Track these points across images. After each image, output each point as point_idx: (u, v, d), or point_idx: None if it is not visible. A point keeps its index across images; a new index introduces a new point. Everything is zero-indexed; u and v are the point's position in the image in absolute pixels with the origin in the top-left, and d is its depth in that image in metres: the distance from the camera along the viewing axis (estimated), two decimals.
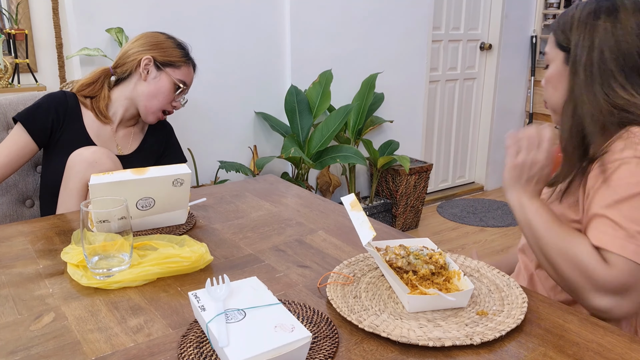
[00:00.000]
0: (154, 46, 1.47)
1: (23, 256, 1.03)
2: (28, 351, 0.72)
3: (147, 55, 1.45)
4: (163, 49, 1.48)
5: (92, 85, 1.48)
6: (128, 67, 1.47)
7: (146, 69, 1.46)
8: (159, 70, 1.47)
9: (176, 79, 1.48)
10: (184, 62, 1.50)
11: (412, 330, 0.75)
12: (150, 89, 1.46)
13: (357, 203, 0.91)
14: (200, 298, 0.76)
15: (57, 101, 1.44)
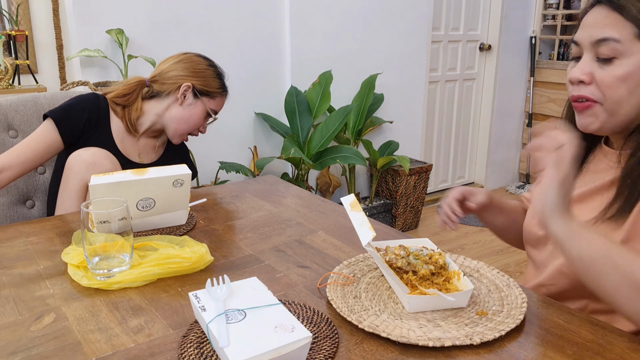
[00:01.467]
0: (196, 74, 1.51)
1: (23, 257, 1.03)
2: (29, 352, 0.73)
3: (187, 82, 1.48)
4: (204, 77, 1.52)
5: (127, 96, 1.49)
6: (166, 88, 1.49)
7: (184, 95, 1.49)
8: (195, 97, 1.51)
9: (210, 109, 1.54)
10: (220, 92, 1.56)
11: (412, 331, 0.75)
12: (184, 115, 1.50)
13: (356, 203, 0.91)
14: (201, 298, 0.76)
15: (92, 104, 1.44)
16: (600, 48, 0.83)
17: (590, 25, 0.85)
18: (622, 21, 0.81)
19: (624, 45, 0.81)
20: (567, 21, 3.94)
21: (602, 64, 0.84)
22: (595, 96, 0.85)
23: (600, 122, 0.86)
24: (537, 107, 4.06)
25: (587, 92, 0.85)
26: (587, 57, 0.86)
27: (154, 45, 2.55)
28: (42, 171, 1.57)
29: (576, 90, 0.87)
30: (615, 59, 0.82)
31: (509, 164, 4.25)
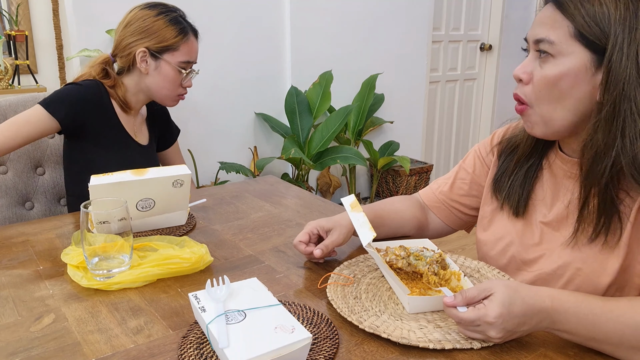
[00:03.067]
0: (145, 33, 1.36)
1: (23, 257, 1.03)
2: (28, 352, 0.72)
3: (140, 47, 1.36)
4: (156, 33, 1.36)
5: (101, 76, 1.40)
6: (126, 61, 1.40)
7: (144, 62, 1.38)
8: (156, 59, 1.38)
9: (177, 63, 1.39)
10: (181, 39, 1.39)
11: (412, 332, 0.75)
12: (157, 81, 1.40)
13: (357, 204, 0.90)
14: (201, 299, 0.75)
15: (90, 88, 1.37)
16: (539, 47, 0.80)
17: (535, 24, 0.82)
18: (561, 20, 0.78)
19: (558, 46, 0.78)
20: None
21: (541, 63, 0.80)
22: (527, 97, 0.82)
23: (539, 127, 0.82)
24: None
25: (521, 93, 0.83)
26: (531, 55, 0.83)
27: None
28: (42, 172, 1.57)
29: (515, 88, 0.84)
30: (550, 57, 0.79)
31: None
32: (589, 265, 0.83)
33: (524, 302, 0.70)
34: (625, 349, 0.70)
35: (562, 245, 0.87)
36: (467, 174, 1.07)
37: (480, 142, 1.09)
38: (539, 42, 0.80)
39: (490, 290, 0.71)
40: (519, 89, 0.83)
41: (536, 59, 0.81)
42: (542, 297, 0.71)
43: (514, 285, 0.72)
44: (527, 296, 0.70)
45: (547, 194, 0.92)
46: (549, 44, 0.79)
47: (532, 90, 0.81)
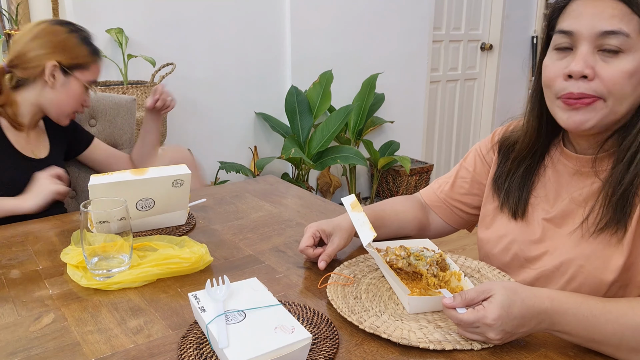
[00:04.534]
0: (57, 48, 1.32)
1: (22, 257, 1.03)
2: (28, 352, 0.72)
3: (51, 61, 1.31)
4: (69, 49, 1.34)
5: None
6: (30, 72, 1.32)
7: (52, 76, 1.32)
8: (66, 75, 1.34)
9: (86, 81, 1.38)
10: (92, 60, 1.38)
11: (412, 332, 0.74)
12: (60, 97, 1.35)
13: (357, 204, 0.90)
14: (200, 299, 0.75)
15: None
16: (605, 41, 0.76)
17: (592, 15, 0.77)
18: (629, 14, 0.75)
19: (632, 40, 0.75)
20: None
21: (607, 57, 0.77)
22: (599, 92, 0.77)
23: (598, 119, 0.79)
24: None
25: (590, 90, 0.77)
26: (588, 49, 0.77)
27: (154, 44, 2.54)
28: None
29: (574, 86, 0.78)
30: (621, 52, 0.76)
31: None
32: (592, 262, 0.82)
33: (524, 303, 0.70)
34: (625, 351, 0.69)
35: (566, 238, 0.86)
36: (468, 173, 1.07)
37: (481, 141, 1.08)
38: (608, 35, 0.76)
39: (490, 291, 0.71)
40: (583, 85, 0.78)
41: (593, 54, 0.78)
42: (542, 298, 0.71)
43: (513, 286, 0.72)
44: (526, 298, 0.70)
45: (550, 191, 0.91)
46: (624, 37, 0.75)
47: (602, 85, 0.77)
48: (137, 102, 2.09)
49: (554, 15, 0.84)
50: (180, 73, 2.53)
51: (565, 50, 0.81)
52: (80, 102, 1.40)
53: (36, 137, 1.43)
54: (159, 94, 1.52)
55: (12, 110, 1.34)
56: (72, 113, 1.41)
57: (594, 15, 0.77)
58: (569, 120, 0.80)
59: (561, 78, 0.80)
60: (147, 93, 2.35)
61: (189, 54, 2.64)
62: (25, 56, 1.31)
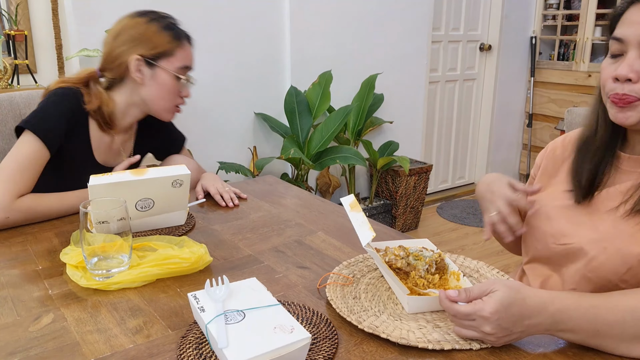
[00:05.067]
0: (137, 40, 1.27)
1: (22, 257, 1.03)
2: (27, 352, 0.72)
3: (133, 55, 1.26)
4: (148, 39, 1.27)
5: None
6: (117, 72, 1.29)
7: (138, 71, 1.28)
8: (152, 67, 1.28)
9: (175, 69, 1.30)
10: (176, 45, 1.30)
11: (411, 332, 0.75)
12: (153, 91, 1.30)
13: (356, 204, 0.90)
14: (200, 299, 0.75)
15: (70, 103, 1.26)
16: None
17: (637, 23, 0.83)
18: None
19: None
20: (568, 21, 3.94)
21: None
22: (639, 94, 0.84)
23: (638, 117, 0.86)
24: (538, 107, 4.06)
25: (633, 91, 0.84)
26: (635, 54, 0.84)
27: None
28: None
29: (620, 88, 0.85)
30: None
31: (509, 165, 4.24)
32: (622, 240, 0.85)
33: (524, 302, 0.70)
34: (627, 340, 0.70)
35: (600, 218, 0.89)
36: None
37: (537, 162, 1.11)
38: None
39: (493, 289, 0.72)
40: (628, 87, 0.84)
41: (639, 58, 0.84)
42: (543, 298, 0.71)
43: (516, 285, 0.72)
44: (527, 297, 0.71)
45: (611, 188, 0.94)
46: None
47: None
48: None
49: (613, 21, 0.90)
50: None
51: (618, 56, 0.87)
52: (175, 93, 1.32)
53: (122, 142, 1.39)
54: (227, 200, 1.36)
55: (108, 109, 1.29)
56: (172, 107, 1.35)
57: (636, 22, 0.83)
58: (615, 115, 0.87)
59: (611, 80, 0.87)
60: None
61: None
62: (111, 56, 1.29)
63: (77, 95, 1.28)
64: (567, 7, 3.95)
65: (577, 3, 3.90)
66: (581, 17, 3.72)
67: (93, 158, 1.32)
